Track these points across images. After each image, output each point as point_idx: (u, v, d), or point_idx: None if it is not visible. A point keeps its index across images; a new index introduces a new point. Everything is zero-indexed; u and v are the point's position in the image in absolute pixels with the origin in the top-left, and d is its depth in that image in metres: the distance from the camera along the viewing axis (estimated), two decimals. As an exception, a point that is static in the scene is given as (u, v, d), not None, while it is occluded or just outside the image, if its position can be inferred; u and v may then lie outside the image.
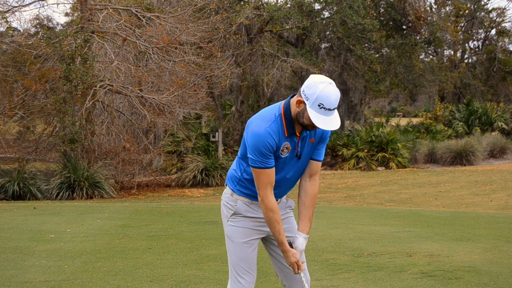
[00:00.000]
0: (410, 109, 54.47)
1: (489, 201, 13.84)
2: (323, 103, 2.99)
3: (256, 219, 3.33)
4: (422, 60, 32.01)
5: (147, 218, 10.26)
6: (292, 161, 3.25)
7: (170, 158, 22.00)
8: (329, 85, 3.00)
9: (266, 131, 3.10)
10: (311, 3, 23.82)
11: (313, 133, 3.24)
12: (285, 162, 3.23)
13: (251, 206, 3.32)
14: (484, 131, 28.99)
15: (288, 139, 3.17)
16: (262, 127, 3.12)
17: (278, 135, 3.13)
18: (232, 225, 3.34)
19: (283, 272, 3.40)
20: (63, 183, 15.58)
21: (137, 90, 16.89)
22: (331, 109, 3.01)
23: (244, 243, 3.31)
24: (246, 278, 3.29)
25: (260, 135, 3.10)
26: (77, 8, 20.60)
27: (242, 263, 3.29)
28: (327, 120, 3.03)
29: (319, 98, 2.99)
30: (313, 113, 3.02)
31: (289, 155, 3.21)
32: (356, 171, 22.74)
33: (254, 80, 23.08)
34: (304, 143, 3.23)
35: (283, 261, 3.36)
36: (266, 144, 3.09)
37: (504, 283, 5.17)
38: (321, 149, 3.33)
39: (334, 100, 3.00)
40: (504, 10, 36.26)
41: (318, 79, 3.03)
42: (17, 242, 7.41)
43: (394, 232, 8.24)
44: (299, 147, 3.22)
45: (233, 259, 3.32)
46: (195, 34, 18.26)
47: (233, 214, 3.33)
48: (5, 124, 18.34)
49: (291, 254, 3.20)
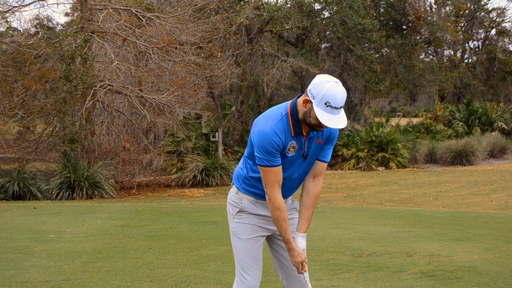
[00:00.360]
0: (410, 109, 54.45)
1: (489, 201, 13.84)
2: (329, 101, 3.01)
3: (262, 217, 3.35)
4: (422, 60, 32.01)
5: (147, 218, 10.26)
6: (299, 161, 3.27)
7: (170, 158, 22.00)
8: (335, 84, 3.03)
9: (272, 130, 3.13)
10: (311, 3, 23.82)
11: (320, 133, 3.25)
12: (291, 162, 3.25)
13: (256, 205, 3.34)
14: (484, 131, 28.99)
15: (295, 139, 3.19)
16: (268, 125, 3.14)
17: (284, 134, 3.15)
18: (238, 221, 3.37)
19: (283, 272, 3.41)
20: (63, 183, 15.58)
21: (137, 90, 16.89)
22: (338, 107, 3.03)
23: (250, 239, 3.33)
24: (251, 274, 3.30)
25: (266, 133, 3.13)
26: (77, 8, 20.60)
27: (248, 259, 3.31)
28: (334, 118, 3.04)
29: (325, 97, 3.01)
30: (320, 111, 3.04)
31: (295, 154, 3.23)
32: (356, 171, 22.74)
33: (254, 80, 23.08)
34: (311, 144, 3.25)
35: (284, 261, 3.38)
36: (272, 142, 3.12)
37: (504, 283, 5.17)
38: (328, 150, 3.35)
39: (341, 99, 3.03)
40: (504, 10, 36.29)
41: (324, 78, 3.06)
42: (17, 242, 7.41)
43: (394, 232, 8.24)
44: (305, 147, 3.23)
45: (238, 255, 3.34)
46: (195, 34, 18.26)
47: (239, 211, 3.36)
48: (5, 124, 18.34)
49: (297, 253, 3.22)
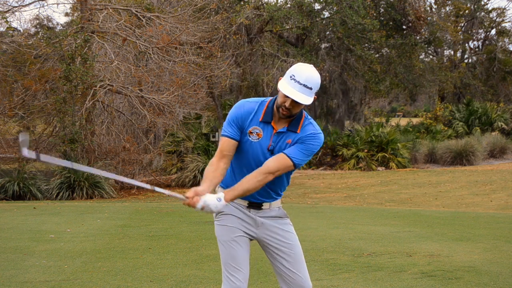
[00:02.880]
0: (410, 109, 54.46)
1: (489, 201, 13.84)
2: (294, 75, 3.05)
3: (240, 219, 3.29)
4: (422, 60, 32.03)
5: (147, 218, 10.26)
6: (263, 151, 3.20)
7: (170, 158, 21.99)
8: (307, 65, 3.10)
9: (242, 103, 3.24)
10: (311, 3, 23.83)
11: (292, 135, 3.20)
12: (252, 148, 3.20)
13: (232, 204, 3.27)
14: (484, 131, 29.00)
15: (262, 126, 3.19)
16: (243, 101, 3.26)
17: (251, 114, 3.20)
18: (218, 224, 3.33)
19: (282, 278, 3.34)
20: (63, 183, 15.58)
21: (137, 90, 16.89)
22: (301, 83, 3.03)
23: (231, 240, 3.26)
24: (237, 276, 3.23)
25: (236, 105, 3.25)
26: (77, 8, 20.60)
27: (231, 261, 3.24)
28: (294, 91, 3.04)
29: (292, 71, 3.08)
30: (283, 82, 3.10)
31: (258, 142, 3.19)
32: (356, 171, 22.74)
33: (254, 80, 23.09)
34: (279, 139, 3.20)
35: (282, 267, 3.31)
36: (235, 112, 3.21)
37: (504, 283, 5.17)
38: (294, 148, 3.17)
39: (306, 76, 3.04)
40: (504, 10, 36.33)
41: (300, 63, 3.16)
42: (17, 242, 7.41)
43: (394, 232, 8.24)
44: (272, 140, 3.19)
45: (223, 258, 3.28)
46: (195, 34, 18.26)
47: (218, 213, 3.29)
48: (5, 124, 18.32)
49: (193, 190, 3.03)
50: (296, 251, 3.32)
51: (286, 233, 3.33)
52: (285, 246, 3.30)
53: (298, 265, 3.30)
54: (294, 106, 3.08)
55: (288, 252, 3.30)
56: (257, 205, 3.30)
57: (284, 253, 3.30)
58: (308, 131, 3.21)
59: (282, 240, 3.31)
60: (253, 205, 3.30)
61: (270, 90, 23.68)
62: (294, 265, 3.30)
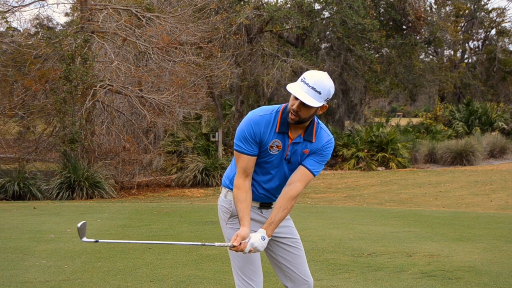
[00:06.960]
0: (410, 109, 54.47)
1: (489, 201, 13.84)
2: (305, 77, 3.03)
3: (253, 220, 3.28)
4: (422, 60, 32.06)
5: (147, 218, 10.26)
6: (281, 163, 3.21)
7: (170, 158, 22.00)
8: (320, 71, 3.08)
9: (256, 117, 3.14)
10: (311, 3, 23.82)
11: (309, 145, 3.20)
12: (274, 162, 3.20)
13: None
14: (484, 131, 29.02)
15: (280, 137, 3.15)
16: (256, 114, 3.16)
17: (268, 127, 3.13)
18: (231, 227, 3.29)
19: (283, 272, 3.35)
20: (63, 183, 15.58)
21: (137, 90, 16.89)
22: (310, 85, 3.00)
23: None
24: (255, 279, 3.23)
25: (249, 119, 3.14)
26: (77, 8, 20.60)
27: (249, 265, 3.22)
28: (302, 92, 3.01)
29: (304, 74, 3.07)
30: (293, 84, 3.06)
31: (278, 155, 3.18)
32: (356, 171, 22.74)
33: (254, 80, 23.08)
34: (295, 149, 3.19)
35: (282, 260, 3.32)
36: (250, 128, 3.11)
37: (504, 283, 5.17)
38: (313, 159, 3.21)
39: (316, 79, 3.01)
40: (504, 10, 36.35)
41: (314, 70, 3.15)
42: (17, 242, 7.41)
43: (394, 232, 8.24)
44: (288, 150, 3.18)
45: (238, 263, 3.24)
46: (195, 34, 18.25)
47: (230, 216, 3.29)
48: (5, 124, 18.33)
49: (238, 236, 3.05)
50: (299, 245, 3.37)
51: (290, 228, 3.38)
52: (290, 240, 3.34)
53: (301, 259, 3.35)
54: (302, 109, 3.04)
55: (293, 245, 3.34)
56: (267, 205, 3.34)
57: (290, 246, 3.34)
58: (323, 140, 3.22)
59: (287, 233, 3.34)
60: (264, 206, 3.34)
61: (270, 90, 23.70)
62: (298, 258, 3.33)
